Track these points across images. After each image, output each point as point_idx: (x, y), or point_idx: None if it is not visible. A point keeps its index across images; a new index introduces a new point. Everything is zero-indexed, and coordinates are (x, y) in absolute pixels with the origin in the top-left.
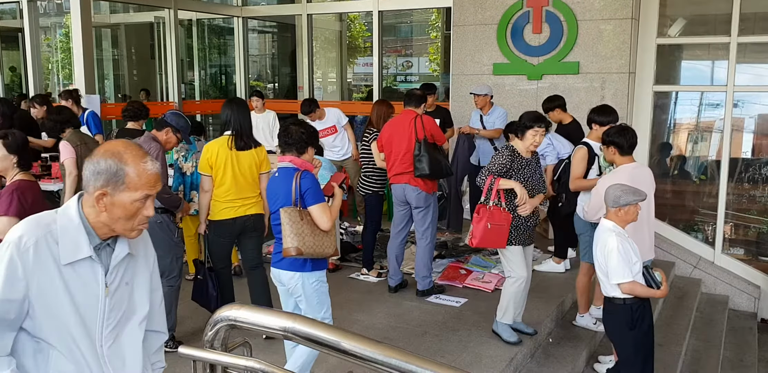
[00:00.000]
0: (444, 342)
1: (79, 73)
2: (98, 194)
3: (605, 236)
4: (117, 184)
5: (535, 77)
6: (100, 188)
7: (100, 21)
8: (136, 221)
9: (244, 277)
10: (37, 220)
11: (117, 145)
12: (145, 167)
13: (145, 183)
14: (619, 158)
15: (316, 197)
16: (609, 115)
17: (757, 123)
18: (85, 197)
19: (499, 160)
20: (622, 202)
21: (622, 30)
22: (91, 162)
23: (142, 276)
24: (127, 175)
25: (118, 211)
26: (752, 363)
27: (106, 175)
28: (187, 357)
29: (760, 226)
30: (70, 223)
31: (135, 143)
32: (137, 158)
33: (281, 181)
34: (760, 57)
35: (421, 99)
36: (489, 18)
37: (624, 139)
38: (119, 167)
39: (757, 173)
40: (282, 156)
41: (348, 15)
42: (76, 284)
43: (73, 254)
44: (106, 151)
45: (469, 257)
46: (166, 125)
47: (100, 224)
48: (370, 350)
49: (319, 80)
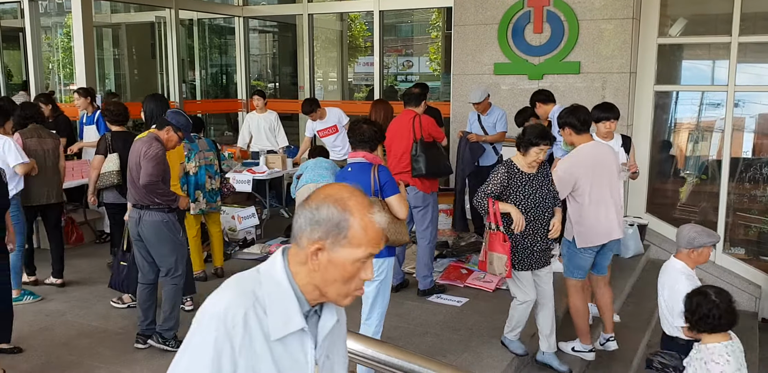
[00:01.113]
0: (445, 342)
1: (80, 72)
2: (314, 249)
3: (675, 277)
4: (338, 238)
5: (536, 77)
6: (317, 240)
7: (101, 21)
8: (353, 285)
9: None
10: (240, 286)
11: (341, 190)
12: (373, 219)
13: (370, 239)
14: (576, 138)
15: (393, 188)
16: (610, 111)
17: (757, 123)
18: (293, 251)
19: (494, 178)
20: (696, 243)
21: (623, 30)
22: (309, 208)
23: (341, 347)
24: (350, 227)
25: (335, 271)
26: (753, 363)
27: (326, 225)
28: None
29: (761, 225)
30: (278, 288)
31: (359, 189)
32: (364, 208)
33: (357, 175)
34: (761, 57)
35: (420, 97)
36: (490, 18)
37: (575, 117)
38: (342, 217)
39: (758, 173)
40: (354, 152)
41: (349, 15)
42: (286, 363)
43: (285, 327)
44: (327, 196)
45: (471, 256)
46: (167, 124)
47: (310, 287)
48: (372, 349)
49: (320, 80)
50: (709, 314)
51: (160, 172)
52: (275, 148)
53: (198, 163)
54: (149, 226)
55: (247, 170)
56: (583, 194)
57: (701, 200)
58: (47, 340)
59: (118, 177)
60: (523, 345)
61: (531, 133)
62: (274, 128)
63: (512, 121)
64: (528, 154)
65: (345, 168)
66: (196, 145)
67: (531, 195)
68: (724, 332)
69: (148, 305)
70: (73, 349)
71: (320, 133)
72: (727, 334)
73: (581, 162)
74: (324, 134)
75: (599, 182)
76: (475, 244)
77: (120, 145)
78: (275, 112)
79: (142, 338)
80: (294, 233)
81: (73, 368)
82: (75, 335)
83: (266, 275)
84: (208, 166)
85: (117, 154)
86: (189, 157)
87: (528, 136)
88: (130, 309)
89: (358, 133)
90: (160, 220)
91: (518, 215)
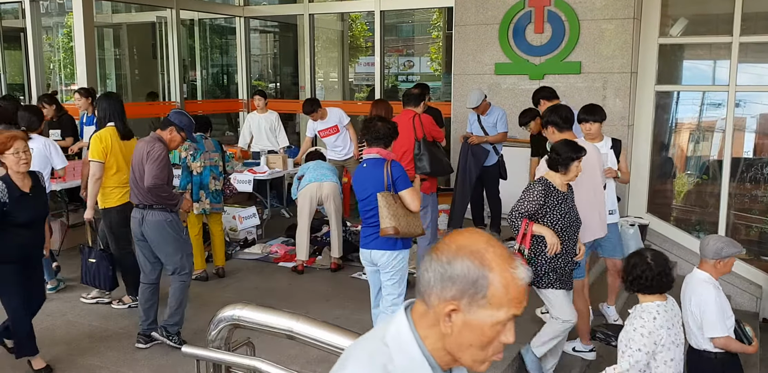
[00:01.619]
0: None
1: (81, 72)
2: (448, 310)
3: (701, 288)
4: (475, 298)
5: (537, 77)
6: (451, 300)
7: (102, 21)
8: (491, 350)
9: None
10: (370, 360)
11: (475, 239)
12: (515, 275)
13: (512, 298)
14: (559, 136)
15: (405, 182)
16: (591, 113)
17: (758, 123)
18: (419, 310)
19: (530, 197)
20: (724, 254)
21: (624, 30)
22: (439, 262)
23: None
24: (490, 285)
25: (471, 335)
26: (754, 363)
27: (461, 283)
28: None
29: (762, 225)
30: (412, 363)
31: (494, 238)
32: (505, 262)
33: (371, 170)
34: (762, 57)
35: (420, 97)
36: (491, 18)
37: (556, 115)
38: (481, 274)
39: (759, 173)
40: (369, 149)
41: (350, 15)
42: None
43: None
44: (461, 248)
45: None
46: (170, 124)
47: (442, 352)
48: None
49: (321, 80)
50: (642, 275)
51: (164, 174)
52: (276, 148)
53: (203, 163)
54: (153, 226)
55: (248, 170)
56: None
57: (702, 200)
58: (48, 340)
59: None
60: (540, 367)
61: (564, 149)
62: (275, 128)
63: (513, 121)
64: (569, 170)
65: (361, 164)
66: (203, 145)
67: (566, 214)
68: (659, 293)
69: (149, 304)
70: (74, 349)
71: (321, 133)
72: (664, 295)
73: None
74: (325, 134)
75: (581, 181)
76: None
77: None
78: (276, 112)
79: (143, 337)
80: (420, 289)
81: (74, 368)
82: (76, 334)
83: (395, 347)
84: (213, 167)
85: None
86: (194, 156)
87: (564, 153)
88: (130, 309)
89: (373, 131)
90: (163, 219)
91: (554, 238)
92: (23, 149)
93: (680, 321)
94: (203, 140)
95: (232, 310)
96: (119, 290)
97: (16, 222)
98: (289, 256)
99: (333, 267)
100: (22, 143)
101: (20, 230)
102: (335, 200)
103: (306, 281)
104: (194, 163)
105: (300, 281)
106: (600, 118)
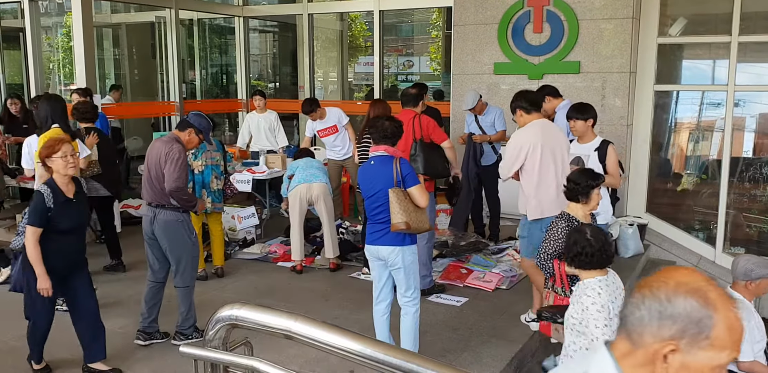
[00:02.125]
0: (444, 341)
1: (80, 72)
2: (667, 350)
3: None
4: (697, 339)
5: (536, 77)
6: (669, 339)
7: (101, 21)
8: None
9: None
10: None
11: (695, 278)
12: (738, 317)
13: (735, 341)
14: (527, 118)
15: (414, 179)
16: (575, 111)
17: (758, 122)
18: (624, 348)
19: (554, 235)
20: (754, 276)
21: (623, 29)
22: (656, 299)
23: None
24: (715, 326)
25: None
26: None
27: (682, 322)
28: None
29: (761, 225)
30: None
31: (711, 279)
32: (728, 302)
33: (379, 167)
34: (761, 56)
35: (418, 97)
36: (490, 17)
37: (524, 99)
38: (705, 314)
39: (758, 172)
40: (376, 146)
41: (349, 14)
42: None
43: None
44: (680, 285)
45: (470, 256)
46: (189, 126)
47: None
48: (371, 349)
49: (320, 80)
50: (582, 252)
51: (184, 175)
52: (275, 148)
53: (204, 162)
54: (164, 225)
55: (247, 170)
56: (532, 169)
57: (701, 200)
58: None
59: (98, 166)
60: None
61: (582, 178)
62: (274, 128)
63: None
64: (590, 199)
65: (368, 161)
66: (204, 145)
67: None
68: (600, 269)
69: (153, 302)
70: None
71: (320, 133)
72: (605, 270)
73: (528, 137)
74: (324, 134)
75: (545, 159)
76: (475, 244)
77: None
78: (275, 112)
79: (142, 334)
80: (629, 327)
81: (73, 368)
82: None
83: None
84: (215, 167)
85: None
86: (196, 155)
87: (582, 182)
88: (130, 309)
89: (381, 130)
90: (174, 219)
91: None
92: (71, 152)
93: (622, 294)
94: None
95: (230, 310)
96: None
97: (59, 228)
98: (288, 256)
99: (332, 267)
100: (69, 147)
101: (62, 236)
102: (326, 200)
103: (305, 280)
104: (196, 162)
105: (299, 281)
106: (585, 116)
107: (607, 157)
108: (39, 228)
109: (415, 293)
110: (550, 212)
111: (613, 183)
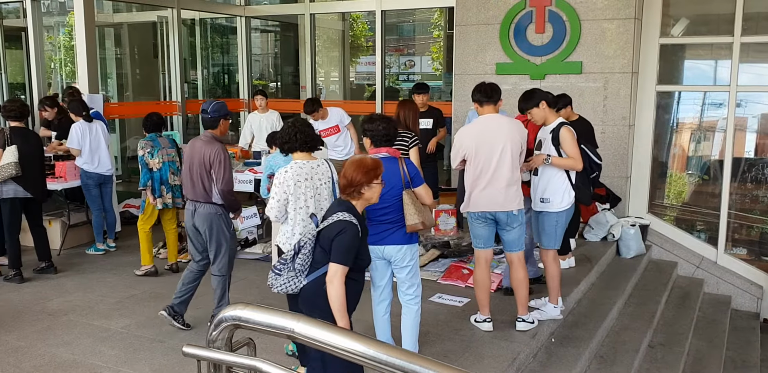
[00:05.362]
0: (446, 342)
1: (82, 72)
2: None
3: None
4: None
5: (538, 77)
6: None
7: (103, 20)
8: None
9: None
10: None
11: None
12: None
13: None
14: (480, 110)
15: (420, 179)
16: (531, 98)
17: (760, 123)
18: None
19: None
20: None
21: (625, 30)
22: None
23: None
24: None
25: None
26: (755, 364)
27: None
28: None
29: (763, 226)
30: None
31: None
32: None
33: (387, 169)
34: (763, 57)
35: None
36: (492, 17)
37: (479, 92)
38: None
39: (760, 173)
40: (377, 148)
41: (351, 14)
42: None
43: None
44: None
45: (472, 256)
46: (217, 119)
47: None
48: (373, 350)
49: (322, 79)
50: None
51: (231, 175)
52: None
53: (161, 159)
54: (203, 217)
55: (249, 170)
56: (469, 162)
57: (703, 201)
58: (49, 339)
59: (17, 168)
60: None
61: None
62: (276, 128)
63: None
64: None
65: None
66: (159, 143)
67: None
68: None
69: (189, 286)
70: (75, 348)
71: (322, 133)
72: (309, 154)
73: (469, 131)
74: (326, 134)
75: (485, 152)
76: None
77: (18, 140)
78: (277, 112)
79: (169, 308)
80: None
81: (75, 368)
82: (77, 334)
83: None
84: (171, 163)
85: (16, 147)
86: (152, 154)
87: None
88: (130, 309)
89: (377, 132)
90: (213, 212)
91: None
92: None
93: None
94: (158, 138)
95: (233, 310)
96: None
97: (359, 266)
98: None
99: None
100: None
101: (361, 275)
102: None
103: None
104: (152, 160)
105: None
106: (532, 103)
107: (561, 140)
108: None
109: (418, 291)
110: (477, 206)
111: (568, 165)
